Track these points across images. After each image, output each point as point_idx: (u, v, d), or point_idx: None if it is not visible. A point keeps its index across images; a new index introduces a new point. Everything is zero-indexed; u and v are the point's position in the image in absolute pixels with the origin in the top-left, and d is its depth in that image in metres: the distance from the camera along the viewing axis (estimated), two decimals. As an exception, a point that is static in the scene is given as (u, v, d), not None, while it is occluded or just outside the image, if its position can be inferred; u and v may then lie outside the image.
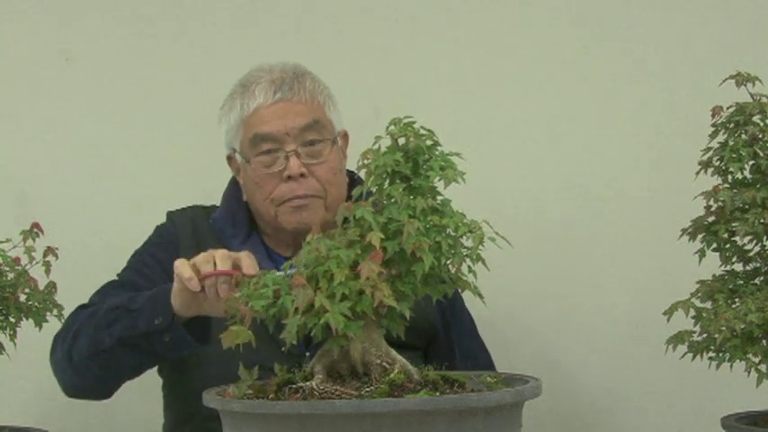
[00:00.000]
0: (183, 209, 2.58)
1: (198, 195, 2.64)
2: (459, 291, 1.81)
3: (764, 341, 1.80)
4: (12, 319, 1.90)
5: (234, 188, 2.54)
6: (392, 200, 1.70)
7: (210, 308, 2.14)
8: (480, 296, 1.74)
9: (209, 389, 1.79)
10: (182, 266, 2.12)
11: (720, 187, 1.89)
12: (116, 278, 2.50)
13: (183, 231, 2.51)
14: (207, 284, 2.10)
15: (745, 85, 1.89)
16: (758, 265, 1.90)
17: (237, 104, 2.46)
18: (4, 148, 2.89)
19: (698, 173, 1.91)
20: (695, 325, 1.85)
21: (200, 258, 2.13)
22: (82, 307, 2.42)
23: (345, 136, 2.52)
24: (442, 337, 2.53)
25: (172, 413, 2.54)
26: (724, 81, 1.91)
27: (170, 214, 2.56)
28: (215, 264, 2.10)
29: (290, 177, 2.40)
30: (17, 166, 2.89)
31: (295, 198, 2.40)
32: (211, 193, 2.63)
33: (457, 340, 2.56)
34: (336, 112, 2.50)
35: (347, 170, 2.52)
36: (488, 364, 2.57)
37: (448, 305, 2.52)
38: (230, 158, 2.52)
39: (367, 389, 1.65)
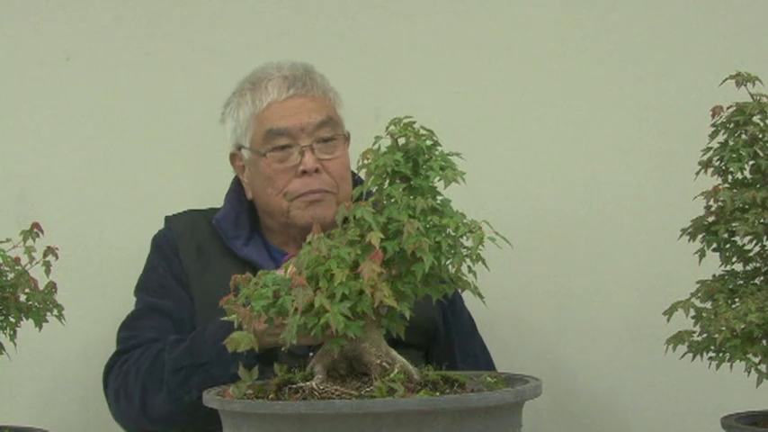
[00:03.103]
0: (181, 213, 2.57)
1: (198, 195, 2.65)
2: (459, 291, 1.81)
3: (764, 341, 1.80)
4: (12, 319, 1.90)
5: (237, 189, 2.54)
6: (392, 200, 1.70)
7: None
8: (480, 296, 1.74)
9: (208, 389, 1.79)
10: None
11: (720, 187, 1.88)
12: (139, 306, 2.49)
13: (182, 235, 2.51)
14: None
15: (745, 85, 1.89)
16: (758, 265, 1.90)
17: (248, 100, 2.46)
18: (4, 148, 2.88)
19: (698, 173, 1.91)
20: (695, 325, 1.84)
21: None
22: (119, 353, 2.42)
23: (348, 137, 2.52)
24: (443, 337, 2.54)
25: None
26: (724, 81, 1.91)
27: (167, 219, 2.56)
28: None
29: (304, 172, 2.41)
30: (17, 165, 2.88)
31: (309, 193, 2.40)
32: (211, 193, 2.63)
33: (457, 340, 2.56)
34: (343, 111, 2.51)
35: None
36: (488, 363, 2.58)
37: (448, 305, 2.53)
38: (234, 156, 2.52)
39: (367, 389, 1.65)
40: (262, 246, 2.49)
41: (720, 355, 1.81)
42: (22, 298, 1.91)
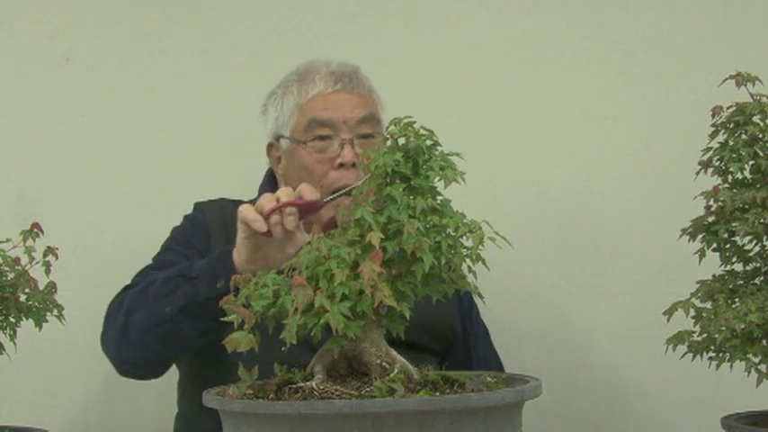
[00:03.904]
0: (212, 200, 2.58)
1: (198, 195, 2.64)
2: (474, 299, 1.80)
3: (764, 341, 1.80)
4: (12, 319, 1.90)
5: (270, 180, 2.55)
6: (392, 200, 1.70)
7: (276, 256, 2.14)
8: (480, 296, 1.75)
9: (208, 389, 1.79)
10: (246, 210, 2.14)
11: (720, 187, 1.88)
12: (153, 262, 2.48)
13: (213, 221, 2.51)
14: (272, 222, 2.12)
15: (745, 85, 1.89)
16: (758, 265, 1.90)
17: (294, 90, 2.47)
18: (3, 148, 2.89)
19: (698, 173, 1.91)
20: (695, 325, 1.84)
21: (263, 199, 2.15)
22: (128, 287, 2.41)
23: (385, 139, 2.52)
24: (462, 344, 2.55)
25: (189, 404, 2.53)
26: (724, 81, 1.91)
27: (198, 205, 2.57)
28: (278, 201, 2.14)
29: (341, 165, 2.40)
30: (17, 166, 2.89)
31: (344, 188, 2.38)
32: (212, 193, 2.63)
33: (474, 347, 2.57)
34: (384, 115, 2.51)
35: None
36: (500, 370, 2.59)
37: (467, 313, 2.54)
38: (271, 147, 2.52)
39: (367, 389, 1.65)
40: None
41: (720, 355, 1.81)
42: (22, 298, 1.91)
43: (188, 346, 2.36)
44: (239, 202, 2.54)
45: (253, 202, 2.45)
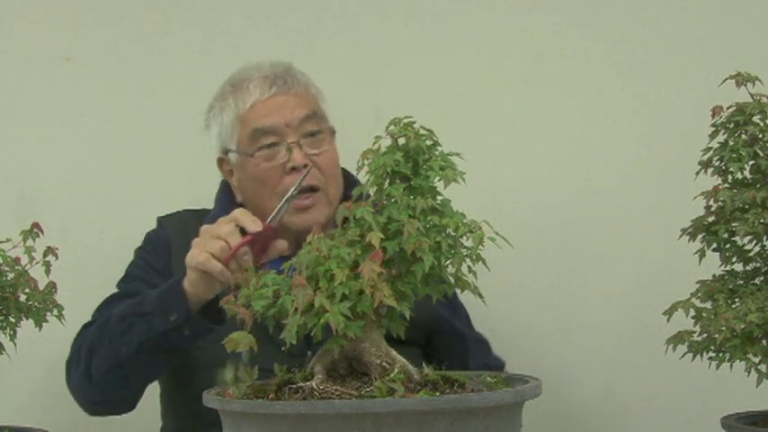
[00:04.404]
0: (173, 213, 2.58)
1: (199, 196, 2.64)
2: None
3: (764, 341, 1.79)
4: (12, 319, 1.90)
5: (226, 190, 2.54)
6: (392, 200, 1.70)
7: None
8: (480, 296, 1.74)
9: (209, 389, 1.79)
10: (209, 262, 2.14)
11: (720, 187, 1.88)
12: (116, 291, 2.49)
13: (174, 235, 2.51)
14: (232, 270, 2.14)
15: (745, 85, 1.89)
16: (758, 265, 1.90)
17: (230, 103, 2.46)
18: (4, 148, 2.89)
19: (698, 173, 1.91)
20: (695, 325, 1.84)
21: (214, 247, 2.15)
22: (86, 326, 2.42)
23: (334, 132, 2.52)
24: (449, 328, 2.53)
25: (171, 419, 2.53)
26: (724, 81, 1.91)
27: (160, 219, 2.57)
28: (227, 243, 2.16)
29: (293, 169, 2.39)
30: (17, 166, 2.89)
31: (300, 192, 2.38)
32: (212, 194, 2.63)
33: (459, 328, 2.57)
34: (327, 106, 2.50)
35: (341, 168, 2.52)
36: (486, 348, 2.61)
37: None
38: (221, 161, 2.52)
39: (367, 389, 1.65)
40: None
41: (720, 355, 1.80)
42: (22, 298, 1.91)
43: (153, 377, 2.39)
44: (201, 212, 2.54)
45: (211, 216, 2.45)
